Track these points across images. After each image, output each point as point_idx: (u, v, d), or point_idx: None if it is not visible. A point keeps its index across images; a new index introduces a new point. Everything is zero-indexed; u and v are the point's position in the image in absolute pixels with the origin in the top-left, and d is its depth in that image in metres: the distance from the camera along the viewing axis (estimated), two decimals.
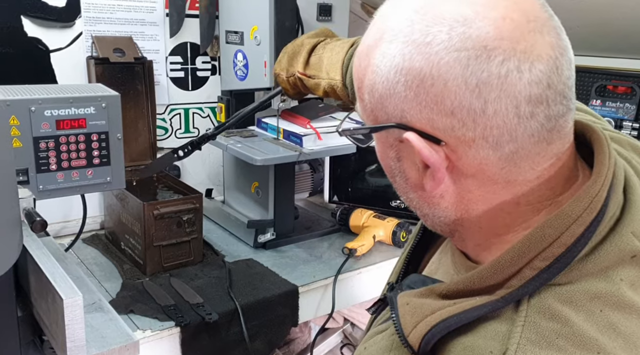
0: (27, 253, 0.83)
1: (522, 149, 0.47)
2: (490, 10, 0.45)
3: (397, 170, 0.54)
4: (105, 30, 1.41)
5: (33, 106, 0.94)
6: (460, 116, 0.46)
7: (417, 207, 0.56)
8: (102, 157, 1.02)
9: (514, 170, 0.48)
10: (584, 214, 0.46)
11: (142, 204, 1.20)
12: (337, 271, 1.31)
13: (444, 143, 0.48)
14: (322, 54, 1.04)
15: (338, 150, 1.44)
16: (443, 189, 0.51)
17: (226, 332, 1.12)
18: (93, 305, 0.94)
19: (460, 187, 0.50)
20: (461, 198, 0.51)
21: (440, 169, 0.49)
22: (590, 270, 0.47)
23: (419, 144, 0.48)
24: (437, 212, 0.54)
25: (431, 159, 0.48)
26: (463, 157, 0.48)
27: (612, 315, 0.45)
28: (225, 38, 1.48)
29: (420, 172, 0.51)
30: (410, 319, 0.50)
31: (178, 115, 1.59)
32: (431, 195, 0.52)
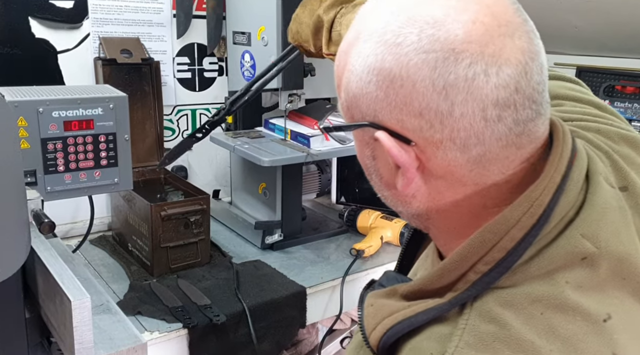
0: (35, 254, 0.83)
1: (490, 152, 0.47)
2: (461, 14, 0.46)
3: (372, 168, 0.55)
4: (112, 31, 1.41)
5: (41, 107, 0.94)
6: (428, 117, 0.47)
7: (392, 204, 0.56)
8: (109, 158, 1.02)
9: (483, 173, 0.49)
10: (523, 218, 0.47)
11: (149, 205, 1.20)
12: (345, 272, 1.30)
13: (414, 143, 0.48)
14: (341, 30, 1.02)
15: (346, 151, 1.43)
16: (414, 189, 0.52)
17: (234, 333, 1.11)
18: (101, 307, 0.94)
19: (431, 187, 0.51)
20: (432, 198, 0.52)
21: (410, 168, 0.50)
22: (534, 273, 0.47)
23: (388, 143, 0.49)
24: (410, 211, 0.54)
25: (400, 158, 0.49)
26: (432, 158, 0.49)
27: (553, 318, 0.46)
28: (233, 39, 1.47)
29: (392, 172, 0.52)
30: (372, 320, 0.52)
31: (185, 116, 1.59)
32: (403, 194, 0.53)
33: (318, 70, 1.41)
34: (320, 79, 1.45)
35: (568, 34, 1.35)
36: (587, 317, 0.46)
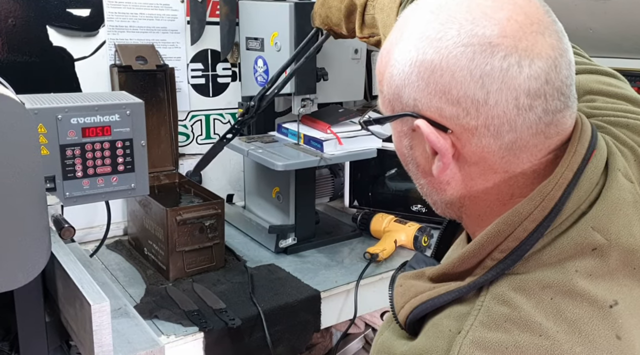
0: (55, 259, 0.85)
1: (521, 140, 0.51)
2: (497, 12, 0.50)
3: (410, 157, 0.59)
4: (128, 38, 1.43)
5: (60, 114, 0.95)
6: (465, 105, 0.51)
7: (427, 193, 0.61)
8: (126, 163, 1.03)
9: (513, 161, 0.53)
10: (535, 211, 0.51)
11: (165, 210, 1.21)
12: (359, 276, 1.30)
13: (450, 131, 0.52)
14: (374, 13, 1.05)
15: (359, 155, 1.43)
16: (449, 176, 0.55)
17: (249, 337, 1.12)
18: (119, 311, 0.95)
19: (464, 174, 0.55)
20: (465, 185, 0.56)
21: (446, 154, 0.53)
22: (546, 261, 0.51)
23: (427, 130, 0.53)
24: (445, 198, 0.58)
25: (438, 144, 0.53)
26: (467, 145, 0.52)
27: (561, 303, 0.49)
28: (246, 44, 1.49)
29: (429, 159, 0.56)
30: (400, 299, 0.57)
31: (199, 122, 1.61)
32: (439, 181, 0.57)
33: (330, 75, 1.42)
34: (333, 84, 1.46)
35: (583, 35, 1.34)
36: (594, 302, 0.49)
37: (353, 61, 1.54)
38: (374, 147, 1.45)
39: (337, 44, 1.49)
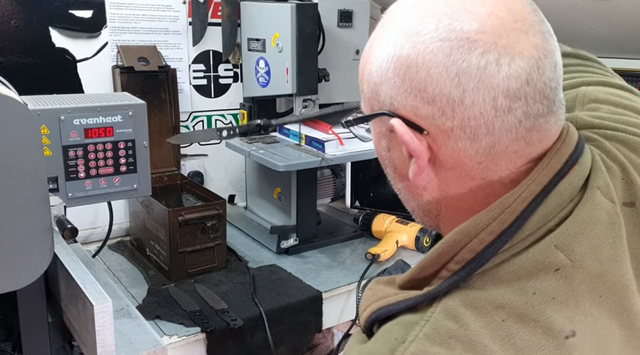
0: (58, 260, 0.85)
1: (499, 144, 0.48)
2: (477, 7, 0.48)
3: (388, 160, 0.56)
4: (130, 39, 1.43)
5: (62, 115, 0.96)
6: (440, 104, 0.48)
7: (405, 199, 0.58)
8: (128, 164, 1.03)
9: (491, 167, 0.50)
10: (494, 223, 0.48)
11: (167, 211, 1.22)
12: (361, 277, 1.30)
13: (426, 132, 0.50)
14: None
15: (360, 155, 1.43)
16: (425, 180, 0.53)
17: (251, 338, 1.12)
18: (121, 311, 0.95)
19: (441, 179, 0.52)
20: (441, 191, 0.53)
21: (421, 156, 0.51)
22: (503, 278, 0.48)
23: (402, 130, 0.50)
24: (422, 205, 0.56)
25: (412, 145, 0.50)
26: (443, 148, 0.50)
27: (512, 327, 0.46)
28: (247, 45, 1.49)
29: (405, 162, 0.53)
30: (364, 303, 0.55)
31: (201, 123, 1.61)
32: (415, 186, 0.54)
33: (332, 76, 1.42)
34: (334, 84, 1.47)
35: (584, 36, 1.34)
36: (548, 331, 0.46)
37: (354, 62, 1.54)
38: None
39: (338, 45, 1.49)
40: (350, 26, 1.50)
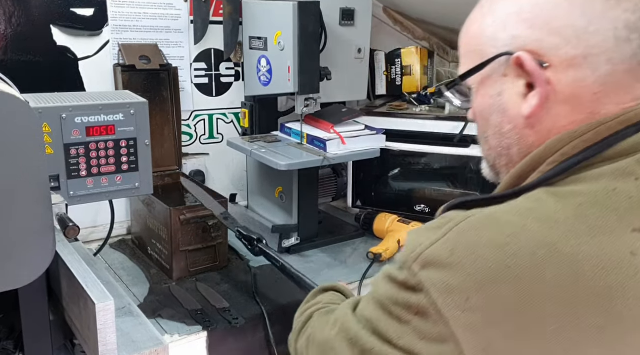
0: (59, 258, 0.85)
1: (615, 75, 0.53)
2: None
3: (496, 107, 0.61)
4: (131, 38, 1.43)
5: (64, 113, 0.95)
6: (566, 34, 0.54)
7: (506, 146, 0.62)
8: (130, 163, 1.03)
9: (602, 100, 0.54)
10: (589, 133, 0.54)
11: (169, 210, 1.22)
12: (362, 276, 1.30)
13: (548, 65, 0.55)
14: None
15: (362, 154, 1.43)
16: (536, 119, 0.58)
17: (252, 336, 1.12)
18: (123, 310, 0.95)
19: (552, 116, 0.57)
20: (549, 130, 0.57)
21: (543, 85, 0.56)
22: (587, 178, 0.53)
23: (528, 59, 0.55)
24: (523, 150, 0.60)
25: (537, 73, 0.55)
26: (563, 80, 0.55)
27: (589, 210, 0.51)
28: (249, 44, 1.49)
29: (520, 100, 0.58)
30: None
31: (202, 121, 1.61)
32: (525, 125, 0.59)
33: (334, 75, 1.42)
34: (336, 83, 1.46)
35: None
36: (622, 220, 0.50)
37: (356, 61, 1.54)
38: (378, 146, 1.45)
39: (340, 44, 1.49)
40: (352, 24, 1.50)
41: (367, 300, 0.62)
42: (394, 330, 0.55)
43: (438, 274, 0.52)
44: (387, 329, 0.56)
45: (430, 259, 0.52)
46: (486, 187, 1.51)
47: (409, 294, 0.54)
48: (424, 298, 0.52)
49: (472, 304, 0.50)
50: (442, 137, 1.52)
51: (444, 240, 0.53)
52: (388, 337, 0.56)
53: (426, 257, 0.53)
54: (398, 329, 0.55)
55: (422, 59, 1.79)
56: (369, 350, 0.57)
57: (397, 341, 0.55)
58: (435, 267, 0.52)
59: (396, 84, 1.81)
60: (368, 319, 0.59)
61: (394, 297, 0.55)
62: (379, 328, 0.57)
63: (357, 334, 0.59)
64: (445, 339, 0.51)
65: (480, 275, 0.50)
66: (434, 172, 1.61)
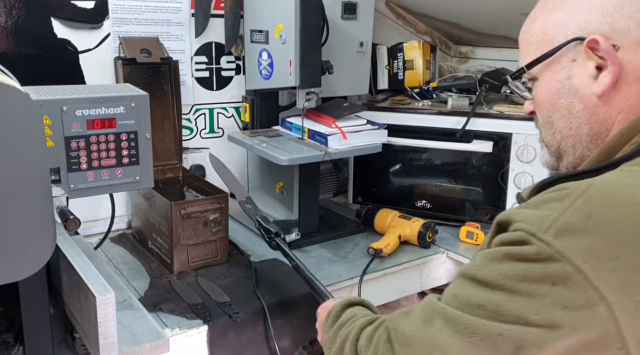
0: (60, 251, 0.84)
1: None
2: None
3: (566, 90, 0.67)
4: (132, 31, 1.42)
5: (65, 106, 0.95)
6: (636, 18, 0.62)
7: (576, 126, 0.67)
8: (131, 156, 1.03)
9: None
10: None
11: (169, 204, 1.21)
12: (363, 271, 1.30)
13: (618, 48, 0.62)
14: None
15: (364, 149, 1.43)
16: (607, 98, 0.64)
17: (253, 331, 1.12)
18: (123, 303, 0.95)
19: (622, 94, 0.63)
20: (619, 108, 0.64)
21: (616, 63, 0.62)
22: None
23: (601, 40, 0.62)
24: (594, 128, 0.66)
25: (610, 54, 0.62)
26: (633, 60, 0.62)
27: None
28: (250, 37, 1.48)
29: (591, 81, 0.64)
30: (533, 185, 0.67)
31: (203, 116, 1.60)
32: (596, 104, 0.65)
33: (335, 68, 1.41)
34: (338, 77, 1.45)
35: None
36: None
37: (358, 54, 1.53)
38: (379, 141, 1.44)
39: (342, 37, 1.48)
40: (354, 18, 1.49)
41: (465, 288, 0.60)
42: (526, 306, 0.54)
43: (577, 240, 0.52)
44: (516, 308, 0.55)
45: (565, 227, 0.53)
46: (488, 183, 1.51)
47: (544, 265, 0.53)
48: (564, 266, 0.52)
49: (620, 263, 0.51)
50: (444, 132, 1.51)
51: (574, 208, 0.54)
52: (519, 316, 0.54)
53: (559, 226, 0.54)
54: (532, 304, 0.54)
55: (424, 53, 1.78)
56: (495, 335, 0.55)
57: (533, 317, 0.54)
58: (571, 234, 0.53)
59: (398, 79, 1.80)
60: (480, 304, 0.57)
61: (520, 273, 0.55)
62: (500, 310, 0.55)
63: (469, 324, 0.57)
64: (594, 302, 0.51)
65: (624, 234, 0.52)
66: (436, 168, 1.61)
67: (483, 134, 1.48)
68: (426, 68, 1.80)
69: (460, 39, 1.97)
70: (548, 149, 0.73)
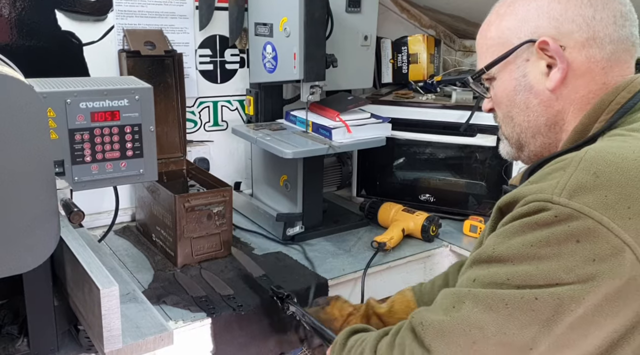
0: (64, 244, 0.84)
1: (617, 52, 0.69)
2: None
3: (522, 86, 0.74)
4: (136, 23, 1.42)
5: (69, 98, 0.95)
6: (578, 22, 0.69)
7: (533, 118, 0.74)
8: (135, 149, 1.03)
9: (609, 73, 0.70)
10: (630, 86, 0.68)
11: (173, 196, 1.21)
12: (367, 265, 1.30)
13: (564, 47, 0.70)
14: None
15: (368, 143, 1.42)
16: (559, 92, 0.71)
17: (257, 323, 1.12)
18: (127, 296, 0.95)
19: (571, 88, 0.71)
20: (570, 99, 0.71)
21: (564, 61, 0.69)
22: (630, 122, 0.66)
23: (552, 42, 0.69)
24: (550, 118, 0.73)
25: (558, 53, 0.69)
26: (577, 58, 0.70)
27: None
28: (255, 30, 1.47)
29: (543, 78, 0.72)
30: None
31: (207, 109, 1.60)
32: (549, 98, 0.72)
33: (340, 62, 1.40)
34: (342, 71, 1.45)
35: None
36: None
37: (362, 48, 1.52)
38: (383, 135, 1.44)
39: (347, 31, 1.47)
40: (358, 11, 1.48)
41: (483, 270, 0.61)
42: (556, 269, 0.56)
43: (591, 196, 0.56)
44: (545, 272, 0.56)
45: (577, 187, 0.57)
46: (491, 177, 1.50)
47: (565, 225, 0.56)
48: (586, 221, 0.55)
49: (635, 210, 0.55)
50: (448, 126, 1.51)
51: (579, 171, 0.58)
52: (551, 279, 0.56)
53: (571, 187, 0.57)
54: (561, 265, 0.56)
55: (428, 47, 1.77)
56: (532, 300, 0.56)
57: (565, 276, 0.56)
58: (585, 192, 0.57)
59: (402, 72, 1.79)
60: (506, 279, 0.58)
61: (544, 238, 0.57)
62: (529, 279, 0.57)
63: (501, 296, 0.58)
64: (619, 250, 0.55)
65: (632, 184, 0.56)
66: (440, 162, 1.60)
67: (487, 128, 1.47)
68: (430, 62, 1.79)
69: (465, 32, 1.96)
70: (509, 141, 0.80)
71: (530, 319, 0.56)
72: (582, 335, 0.56)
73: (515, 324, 0.57)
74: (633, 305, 0.56)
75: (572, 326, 0.56)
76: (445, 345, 0.61)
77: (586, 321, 0.56)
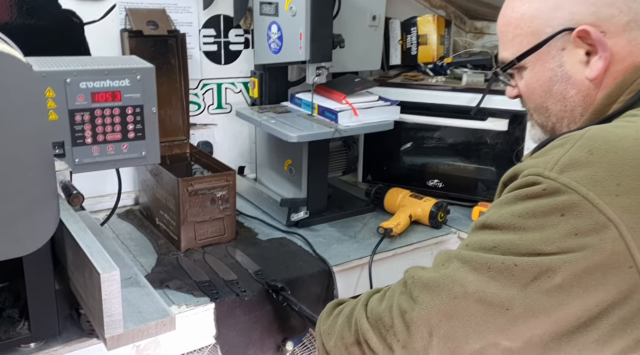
0: (64, 227, 0.83)
1: None
2: None
3: (559, 77, 0.72)
4: (139, 2, 1.38)
5: (68, 78, 0.92)
6: (618, 5, 0.67)
7: (570, 108, 0.72)
8: (137, 131, 1.00)
9: None
10: None
11: (176, 180, 1.19)
12: (373, 251, 1.28)
13: (604, 33, 0.67)
14: None
15: (375, 127, 1.39)
16: (599, 80, 0.69)
17: (260, 309, 1.11)
18: (129, 280, 0.94)
19: (610, 74, 0.68)
20: (608, 83, 0.69)
21: (606, 48, 0.67)
22: None
23: (592, 30, 0.67)
24: (585, 105, 0.71)
25: (601, 41, 0.67)
26: (619, 42, 0.67)
27: None
28: (260, 9, 1.43)
29: (583, 66, 0.69)
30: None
31: (210, 91, 1.57)
32: (588, 87, 0.70)
33: (347, 43, 1.36)
34: (349, 52, 1.41)
35: None
36: None
37: (370, 28, 1.48)
38: (391, 118, 1.40)
39: (354, 10, 1.43)
40: None
41: (476, 236, 0.64)
42: (538, 240, 0.58)
43: (581, 172, 0.57)
44: (528, 242, 0.58)
45: (569, 163, 0.58)
46: (502, 162, 1.47)
47: (552, 198, 0.57)
48: (572, 196, 0.56)
49: (623, 187, 0.56)
50: (458, 109, 1.47)
51: (575, 147, 0.59)
52: (533, 249, 0.58)
53: (563, 162, 0.58)
54: (543, 236, 0.57)
55: (438, 27, 1.73)
56: (511, 266, 0.59)
57: (546, 248, 0.57)
58: (576, 168, 0.57)
59: (411, 54, 1.75)
60: (493, 246, 0.61)
61: (531, 209, 0.59)
62: (513, 247, 0.59)
63: (485, 260, 0.60)
64: (602, 226, 0.55)
65: (625, 163, 0.57)
66: (449, 146, 1.57)
67: (498, 112, 1.43)
68: (440, 43, 1.74)
69: (476, 13, 1.91)
70: (542, 129, 0.79)
71: (509, 282, 0.59)
72: (557, 303, 0.57)
73: (496, 285, 0.59)
74: (614, 281, 0.56)
75: (548, 293, 0.57)
76: (430, 298, 0.64)
77: (564, 290, 0.57)
